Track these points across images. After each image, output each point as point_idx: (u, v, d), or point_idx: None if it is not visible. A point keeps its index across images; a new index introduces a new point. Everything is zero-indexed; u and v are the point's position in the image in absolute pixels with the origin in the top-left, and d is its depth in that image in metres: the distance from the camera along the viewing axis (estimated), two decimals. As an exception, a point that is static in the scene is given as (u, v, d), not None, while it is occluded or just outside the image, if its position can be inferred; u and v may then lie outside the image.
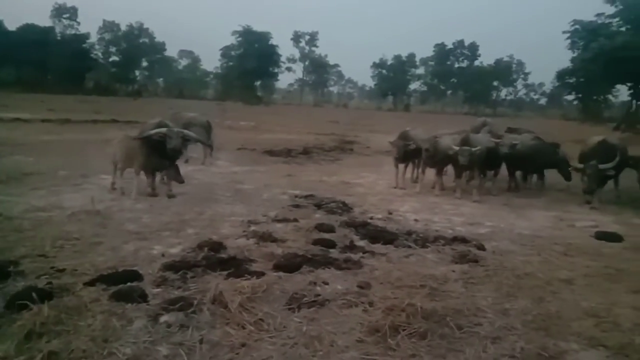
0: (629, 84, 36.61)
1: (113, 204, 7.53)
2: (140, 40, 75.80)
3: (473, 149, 9.01)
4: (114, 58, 74.25)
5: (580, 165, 9.03)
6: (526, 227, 7.30)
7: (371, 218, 7.38)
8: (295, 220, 6.95)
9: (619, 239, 6.73)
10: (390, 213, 7.78)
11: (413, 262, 5.46)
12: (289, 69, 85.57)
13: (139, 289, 4.19)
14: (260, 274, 4.73)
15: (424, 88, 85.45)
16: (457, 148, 9.08)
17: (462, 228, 7.11)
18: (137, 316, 3.78)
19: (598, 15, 35.57)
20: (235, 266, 4.91)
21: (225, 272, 4.74)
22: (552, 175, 10.88)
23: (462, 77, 76.92)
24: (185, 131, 8.79)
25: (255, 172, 11.64)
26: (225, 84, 77.84)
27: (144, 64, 78.80)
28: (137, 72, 78.78)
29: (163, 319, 3.76)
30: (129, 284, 4.33)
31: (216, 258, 5.14)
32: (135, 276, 4.53)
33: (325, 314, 4.06)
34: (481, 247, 6.03)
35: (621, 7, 33.88)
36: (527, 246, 6.23)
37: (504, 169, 10.53)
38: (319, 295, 4.38)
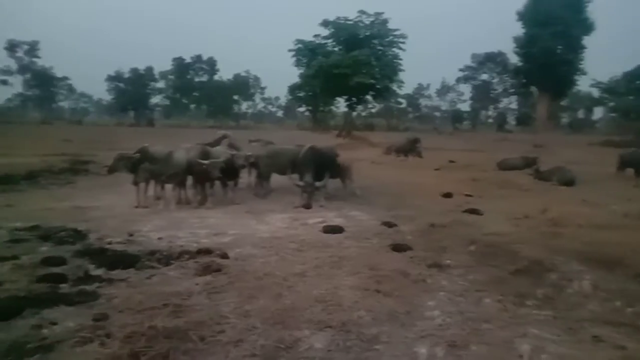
0: (345, 97, 43.00)
1: None
2: None
3: (219, 161, 9.55)
4: None
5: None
6: (266, 230, 7.83)
7: (109, 243, 6.84)
8: (15, 257, 5.95)
9: (341, 230, 7.79)
10: (131, 235, 7.35)
11: (156, 283, 5.28)
12: (4, 82, 73.68)
13: None
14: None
15: (167, 102, 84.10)
16: (207, 162, 9.46)
17: (207, 239, 7.19)
18: None
19: (316, 36, 40.93)
20: None
21: None
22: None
23: (203, 91, 78.34)
24: None
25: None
26: None
27: None
28: None
29: None
30: None
31: None
32: None
33: (56, 358, 3.60)
34: (224, 256, 6.20)
35: (333, 29, 39.81)
36: (267, 248, 6.67)
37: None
38: (46, 338, 3.85)
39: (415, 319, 4.53)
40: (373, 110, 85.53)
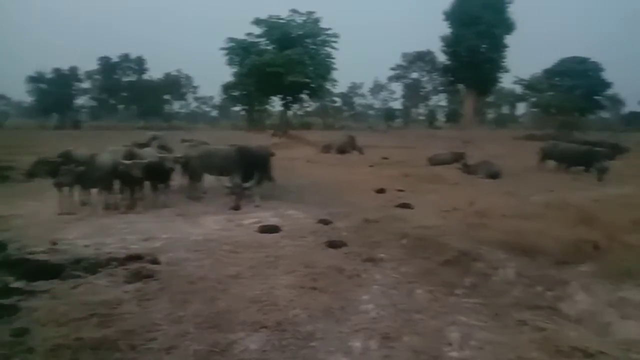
0: (280, 96, 42.89)
1: None
2: None
3: (142, 162, 9.20)
4: None
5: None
6: (199, 233, 7.64)
7: (31, 253, 6.43)
8: None
9: (277, 230, 7.76)
10: (54, 243, 6.93)
11: (82, 292, 5.01)
12: None
13: None
14: None
15: (94, 103, 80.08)
16: (128, 162, 9.04)
17: (137, 245, 6.93)
18: None
19: (248, 34, 40.45)
20: None
21: None
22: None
23: (132, 91, 75.23)
24: None
25: None
26: None
27: None
28: None
29: None
30: None
31: None
32: None
33: (-33, 380, 3.34)
34: (155, 261, 6.00)
35: (266, 28, 39.56)
36: (200, 251, 6.51)
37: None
38: (-44, 360, 3.57)
39: (350, 313, 4.60)
40: (309, 109, 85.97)
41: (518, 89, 62.78)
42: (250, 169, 10.28)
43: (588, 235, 6.48)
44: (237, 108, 64.61)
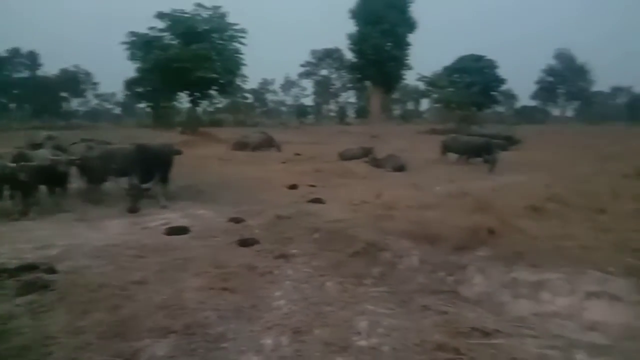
0: (187, 92, 41.45)
1: None
2: None
3: (30, 165, 8.54)
4: None
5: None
6: (102, 238, 7.19)
7: None
8: None
9: (186, 231, 7.53)
10: None
11: (-35, 310, 4.54)
12: None
13: None
14: None
15: (-20, 102, 72.74)
16: (13, 165, 8.36)
17: (31, 254, 6.37)
18: None
19: (151, 28, 38.56)
20: None
21: None
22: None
23: (25, 88, 69.18)
24: None
25: None
26: None
27: None
28: None
29: None
30: None
31: None
32: None
33: None
34: (52, 270, 5.56)
35: (169, 22, 37.92)
36: (102, 257, 6.14)
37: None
38: None
39: (261, 311, 4.59)
40: (219, 106, 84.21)
41: (421, 86, 65.95)
42: (150, 169, 9.76)
43: (484, 221, 6.92)
44: (142, 105, 61.59)
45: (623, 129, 58.28)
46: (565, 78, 78.86)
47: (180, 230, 7.50)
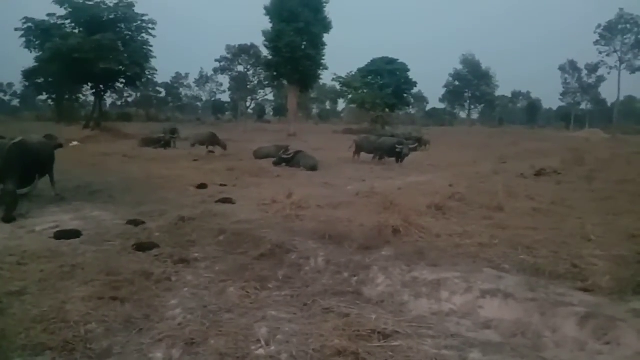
0: (90, 84, 38.89)
1: None
2: None
3: None
4: None
5: None
6: (-23, 244, 6.43)
7: None
8: None
9: (77, 235, 6.91)
10: None
11: None
12: None
13: None
14: None
15: None
16: None
17: None
18: None
19: (50, 15, 35.67)
20: None
21: None
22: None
23: None
24: None
25: None
26: None
27: None
28: None
29: None
30: None
31: None
32: None
33: None
34: None
35: (70, 9, 35.23)
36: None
37: None
38: None
39: (154, 322, 4.26)
40: (129, 100, 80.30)
41: (338, 86, 67.07)
42: (32, 169, 8.68)
43: (389, 220, 7.02)
44: (43, 97, 56.95)
45: (522, 131, 63.20)
46: (470, 82, 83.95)
47: (71, 234, 6.87)
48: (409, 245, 6.25)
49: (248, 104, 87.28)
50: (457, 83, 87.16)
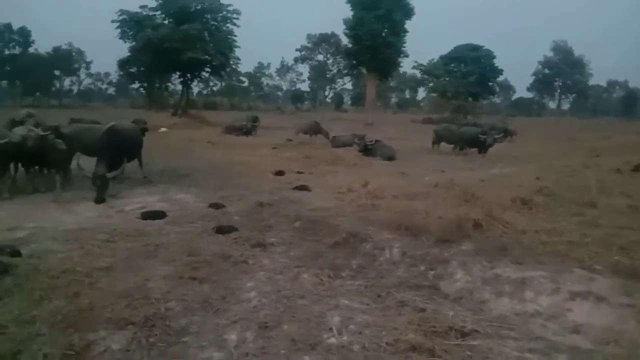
0: (178, 73, 40.78)
1: None
2: None
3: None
4: None
5: None
6: (73, 221, 6.92)
7: None
8: None
9: (163, 216, 7.26)
10: None
11: None
12: None
13: None
14: None
15: (-31, 79, 71.59)
16: None
17: (-4, 236, 6.12)
18: None
19: (142, 7, 37.75)
20: None
21: None
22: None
23: (16, 65, 67.95)
24: None
25: None
26: None
27: None
28: None
29: None
30: None
31: None
32: None
33: None
34: (15, 254, 5.30)
35: (161, 1, 37.10)
36: (70, 241, 5.86)
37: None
38: None
39: (230, 303, 4.35)
40: (215, 89, 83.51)
41: (418, 74, 65.45)
42: (121, 154, 9.07)
43: (470, 213, 6.70)
44: (135, 86, 60.74)
45: (617, 123, 58.31)
46: (562, 71, 78.42)
47: (156, 215, 7.23)
48: (491, 240, 5.91)
49: (327, 93, 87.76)
50: (546, 71, 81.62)
